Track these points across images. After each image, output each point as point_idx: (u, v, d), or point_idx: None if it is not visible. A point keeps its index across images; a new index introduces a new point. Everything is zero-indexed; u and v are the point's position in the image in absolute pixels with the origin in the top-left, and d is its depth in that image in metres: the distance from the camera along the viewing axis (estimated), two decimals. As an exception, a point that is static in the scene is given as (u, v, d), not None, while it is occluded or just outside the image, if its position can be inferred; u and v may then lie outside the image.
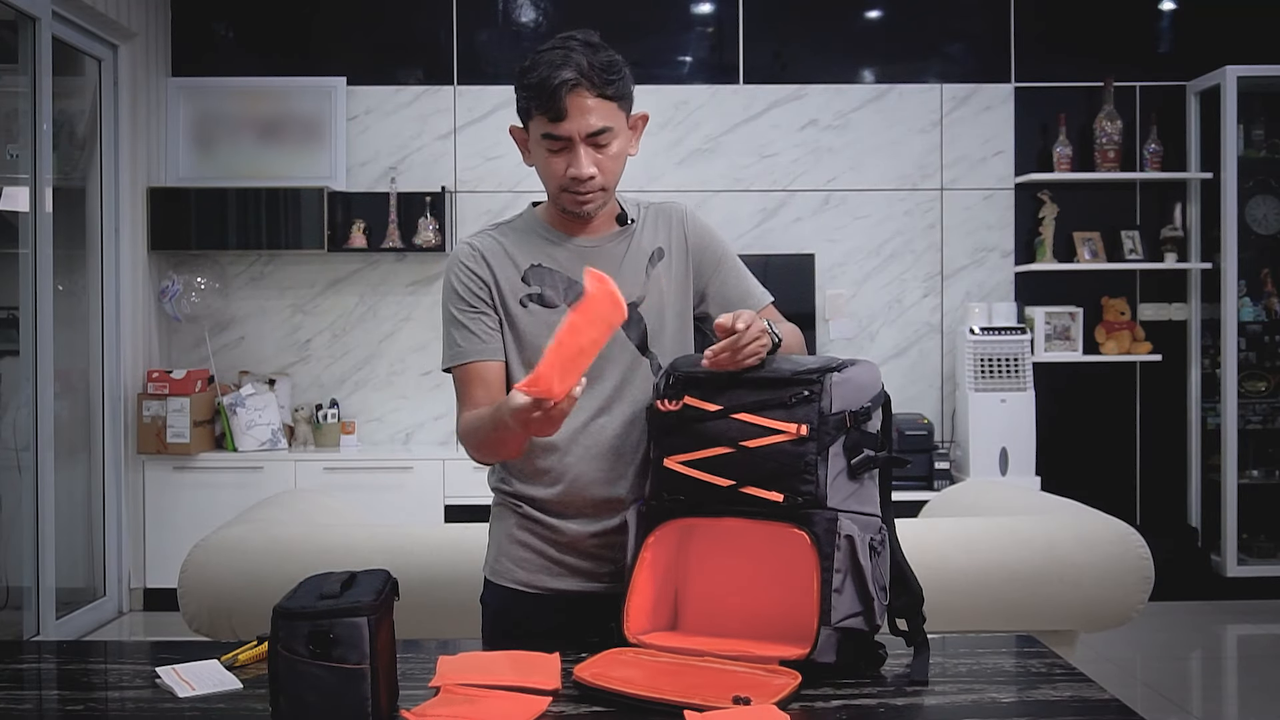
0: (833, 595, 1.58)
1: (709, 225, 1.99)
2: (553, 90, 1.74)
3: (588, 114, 1.76)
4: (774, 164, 5.51)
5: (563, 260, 1.88)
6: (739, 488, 1.65)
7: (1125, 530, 2.53)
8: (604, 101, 1.77)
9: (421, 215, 5.33)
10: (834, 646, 1.58)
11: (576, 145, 1.78)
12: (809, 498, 1.61)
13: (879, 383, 1.70)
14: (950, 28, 5.58)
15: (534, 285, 1.87)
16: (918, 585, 1.69)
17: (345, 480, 5.09)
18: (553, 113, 1.75)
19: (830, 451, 1.63)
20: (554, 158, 1.80)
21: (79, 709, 1.57)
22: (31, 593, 4.35)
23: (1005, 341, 5.16)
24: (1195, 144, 5.49)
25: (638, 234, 1.92)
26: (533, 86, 1.77)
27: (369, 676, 1.40)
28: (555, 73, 1.74)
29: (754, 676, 1.56)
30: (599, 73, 1.76)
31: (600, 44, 1.81)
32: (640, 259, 1.90)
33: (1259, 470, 5.44)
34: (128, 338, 5.09)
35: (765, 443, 1.64)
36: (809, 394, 1.64)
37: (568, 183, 1.80)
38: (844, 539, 1.60)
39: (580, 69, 1.75)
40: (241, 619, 2.40)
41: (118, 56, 5.07)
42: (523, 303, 1.86)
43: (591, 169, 1.79)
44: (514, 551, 1.91)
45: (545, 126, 1.78)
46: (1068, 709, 1.49)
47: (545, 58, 1.78)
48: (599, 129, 1.77)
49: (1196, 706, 4.00)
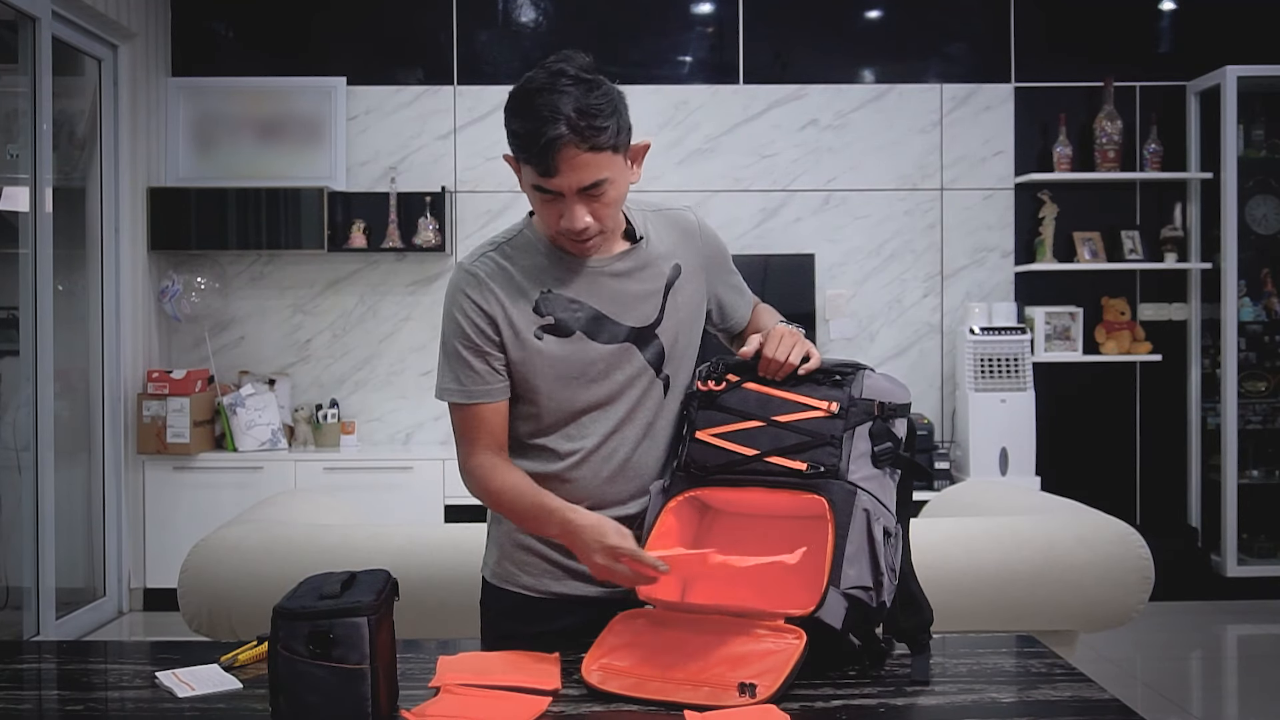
0: (844, 561, 1.60)
1: (714, 232, 1.99)
2: (541, 148, 1.65)
3: (579, 170, 1.67)
4: (774, 164, 5.51)
5: (574, 284, 1.81)
6: (764, 457, 1.71)
7: (1125, 530, 2.53)
8: (596, 154, 1.67)
9: (421, 215, 5.33)
10: (841, 612, 1.58)
11: (569, 199, 1.70)
12: (830, 469, 1.67)
13: (908, 398, 1.77)
14: (950, 28, 5.58)
15: (547, 314, 1.79)
16: (929, 609, 1.70)
17: (345, 480, 5.09)
18: (541, 168, 1.67)
19: (856, 431, 1.70)
20: (547, 206, 1.73)
21: (79, 709, 1.57)
22: (31, 593, 4.35)
23: (1005, 341, 5.16)
24: (1195, 144, 5.49)
25: (651, 249, 1.87)
26: (520, 136, 1.68)
27: (369, 676, 1.40)
28: (543, 127, 1.64)
29: (759, 640, 1.56)
30: (589, 122, 1.65)
31: (592, 79, 1.69)
32: (657, 279, 1.86)
33: (1259, 470, 5.44)
34: (128, 338, 5.09)
35: (796, 418, 1.72)
36: (840, 379, 1.74)
37: (564, 231, 1.74)
38: (861, 511, 1.64)
39: (569, 122, 1.64)
40: (241, 619, 2.40)
41: (118, 56, 5.07)
42: (537, 335, 1.79)
43: (585, 221, 1.71)
44: (518, 556, 1.90)
45: (535, 179, 1.70)
46: (1068, 709, 1.50)
47: (534, 103, 1.67)
48: (592, 183, 1.69)
49: (1196, 706, 3.99)
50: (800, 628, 1.56)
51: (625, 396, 1.84)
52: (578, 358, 1.80)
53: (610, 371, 1.82)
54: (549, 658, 1.66)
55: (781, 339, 1.77)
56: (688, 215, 1.95)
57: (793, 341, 1.77)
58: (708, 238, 1.95)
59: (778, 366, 1.76)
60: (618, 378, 1.83)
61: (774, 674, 1.48)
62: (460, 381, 1.81)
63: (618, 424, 1.84)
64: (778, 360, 1.75)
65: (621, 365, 1.83)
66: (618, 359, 1.82)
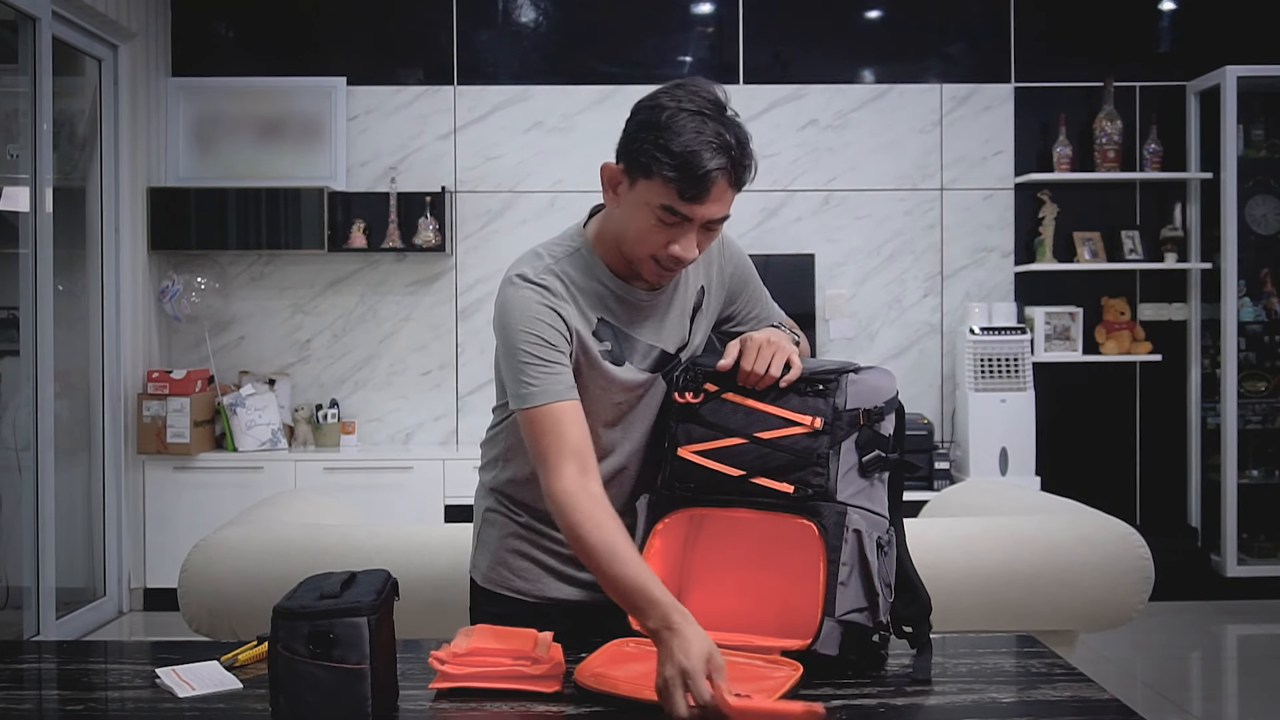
0: (838, 588, 1.58)
1: (741, 250, 1.97)
2: (701, 176, 1.61)
3: (717, 202, 1.66)
4: (774, 164, 5.51)
5: (620, 313, 1.80)
6: (749, 478, 1.67)
7: (1125, 530, 2.52)
8: (735, 191, 1.68)
9: (421, 215, 5.33)
10: (837, 640, 1.58)
11: (693, 228, 1.67)
12: (819, 490, 1.63)
13: (894, 389, 1.72)
14: (950, 28, 5.58)
15: (604, 341, 1.77)
16: (926, 595, 1.69)
17: (345, 480, 5.09)
18: (690, 194, 1.62)
19: (842, 447, 1.65)
20: (661, 229, 1.67)
21: (79, 709, 1.57)
22: (31, 593, 4.35)
23: (1005, 341, 5.16)
24: (1195, 144, 5.48)
25: (682, 274, 1.85)
26: (677, 156, 1.61)
27: (369, 676, 1.40)
28: (711, 156, 1.61)
29: (755, 669, 1.57)
30: (743, 164, 1.66)
31: (738, 121, 1.68)
32: (686, 306, 1.86)
33: (1259, 470, 5.44)
34: (128, 338, 5.09)
35: (779, 434, 1.67)
36: (824, 389, 1.67)
37: (664, 257, 1.69)
38: (852, 532, 1.61)
39: (732, 157, 1.63)
40: (241, 619, 2.40)
41: (118, 56, 5.07)
42: (601, 355, 1.77)
43: (695, 252, 1.69)
44: (512, 561, 1.90)
45: (671, 200, 1.64)
46: (1068, 709, 1.49)
47: (696, 129, 1.62)
48: (720, 218, 1.68)
49: (1196, 706, 3.99)
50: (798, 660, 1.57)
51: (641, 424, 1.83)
52: (628, 386, 1.80)
53: (644, 394, 1.83)
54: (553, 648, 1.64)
55: (760, 349, 1.71)
56: None
57: (771, 351, 1.70)
58: (733, 255, 1.94)
59: (757, 379, 1.70)
60: (647, 399, 1.83)
61: (769, 692, 1.48)
62: (536, 381, 1.68)
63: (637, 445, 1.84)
64: (756, 373, 1.70)
65: (653, 387, 1.84)
66: (652, 385, 1.84)
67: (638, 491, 1.83)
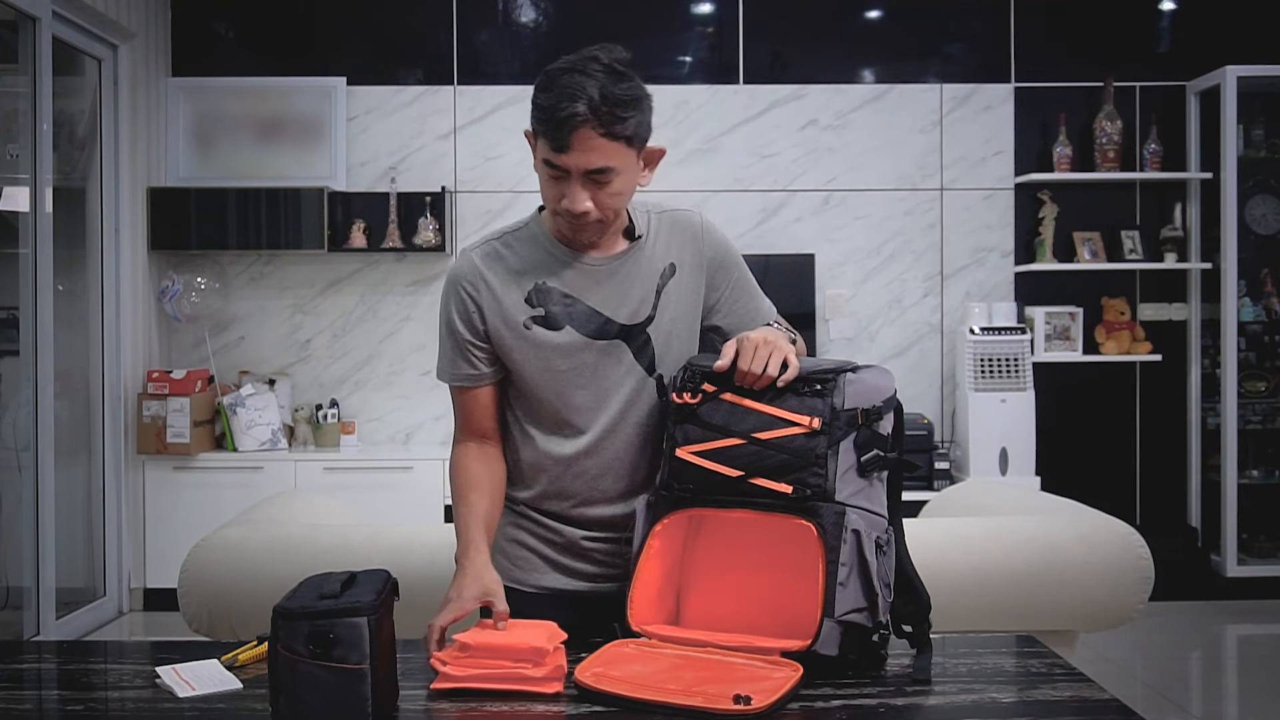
0: (837, 588, 1.58)
1: (725, 238, 1.96)
2: (559, 122, 1.68)
3: (590, 152, 1.69)
4: (774, 164, 5.51)
5: (569, 279, 1.84)
6: (748, 478, 1.66)
7: (1125, 530, 2.52)
8: (611, 141, 1.70)
9: (421, 215, 5.33)
10: (836, 640, 1.58)
11: (574, 179, 1.72)
12: (817, 490, 1.63)
13: (892, 387, 1.71)
14: (950, 28, 5.58)
15: (538, 306, 1.83)
16: (925, 594, 1.69)
17: (345, 480, 5.09)
18: (555, 143, 1.70)
19: (841, 446, 1.64)
20: (552, 184, 1.76)
21: (79, 709, 1.57)
22: (31, 593, 4.35)
23: (1005, 341, 5.16)
24: (1195, 144, 5.49)
25: (649, 248, 1.87)
26: (542, 109, 1.71)
27: (369, 676, 1.40)
28: (565, 104, 1.67)
29: (755, 669, 1.57)
30: (611, 109, 1.68)
31: (624, 71, 1.71)
32: (651, 278, 1.86)
33: (1259, 470, 5.44)
34: (128, 338, 5.09)
35: (777, 434, 1.66)
36: (822, 388, 1.67)
37: (562, 211, 1.76)
38: (851, 533, 1.61)
39: (592, 104, 1.67)
40: (241, 619, 2.40)
41: (118, 56, 5.07)
42: (526, 324, 1.82)
43: (585, 204, 1.73)
44: (511, 551, 1.92)
45: (546, 152, 1.72)
46: (1068, 709, 1.49)
47: (562, 81, 1.69)
48: (599, 168, 1.71)
49: (1196, 706, 3.99)
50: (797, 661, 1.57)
51: (616, 395, 1.84)
52: (566, 351, 1.82)
53: (599, 368, 1.83)
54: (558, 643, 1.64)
55: (756, 349, 1.69)
56: (692, 217, 1.93)
57: (768, 351, 1.69)
58: (714, 241, 1.93)
59: (755, 379, 1.69)
60: (608, 375, 1.83)
61: (769, 692, 1.48)
62: (455, 363, 1.88)
63: (611, 423, 1.84)
64: (754, 373, 1.69)
65: (611, 362, 1.84)
66: (607, 355, 1.83)
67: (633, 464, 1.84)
